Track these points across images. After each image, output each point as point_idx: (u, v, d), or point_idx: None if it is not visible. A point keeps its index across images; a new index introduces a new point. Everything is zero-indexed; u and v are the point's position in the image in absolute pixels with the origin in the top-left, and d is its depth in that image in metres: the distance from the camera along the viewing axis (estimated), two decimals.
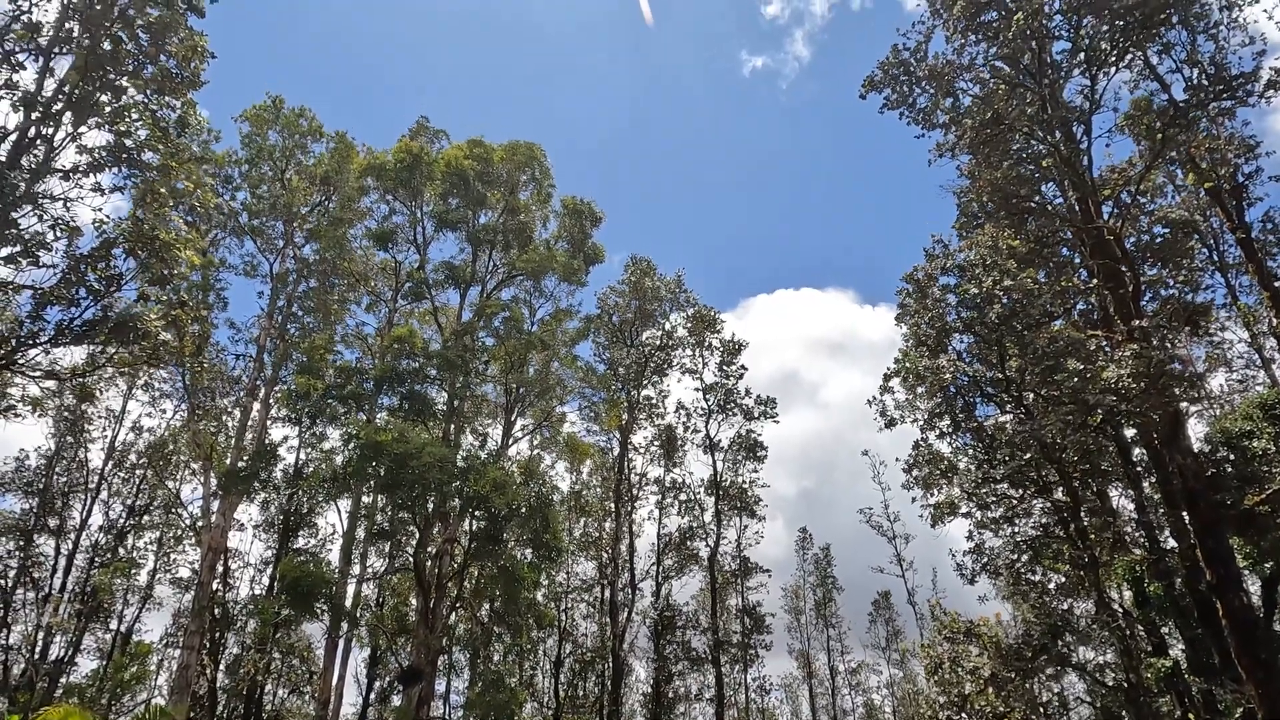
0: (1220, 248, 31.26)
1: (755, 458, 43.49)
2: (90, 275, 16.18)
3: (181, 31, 18.72)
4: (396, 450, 25.05)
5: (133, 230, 16.43)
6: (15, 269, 15.36)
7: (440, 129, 38.23)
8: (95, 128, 17.72)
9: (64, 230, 15.71)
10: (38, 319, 15.56)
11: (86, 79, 17.05)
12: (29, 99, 15.98)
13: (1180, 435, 20.45)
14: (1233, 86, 21.38)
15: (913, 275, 23.03)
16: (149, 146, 17.94)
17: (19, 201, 15.16)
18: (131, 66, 17.99)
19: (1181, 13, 22.55)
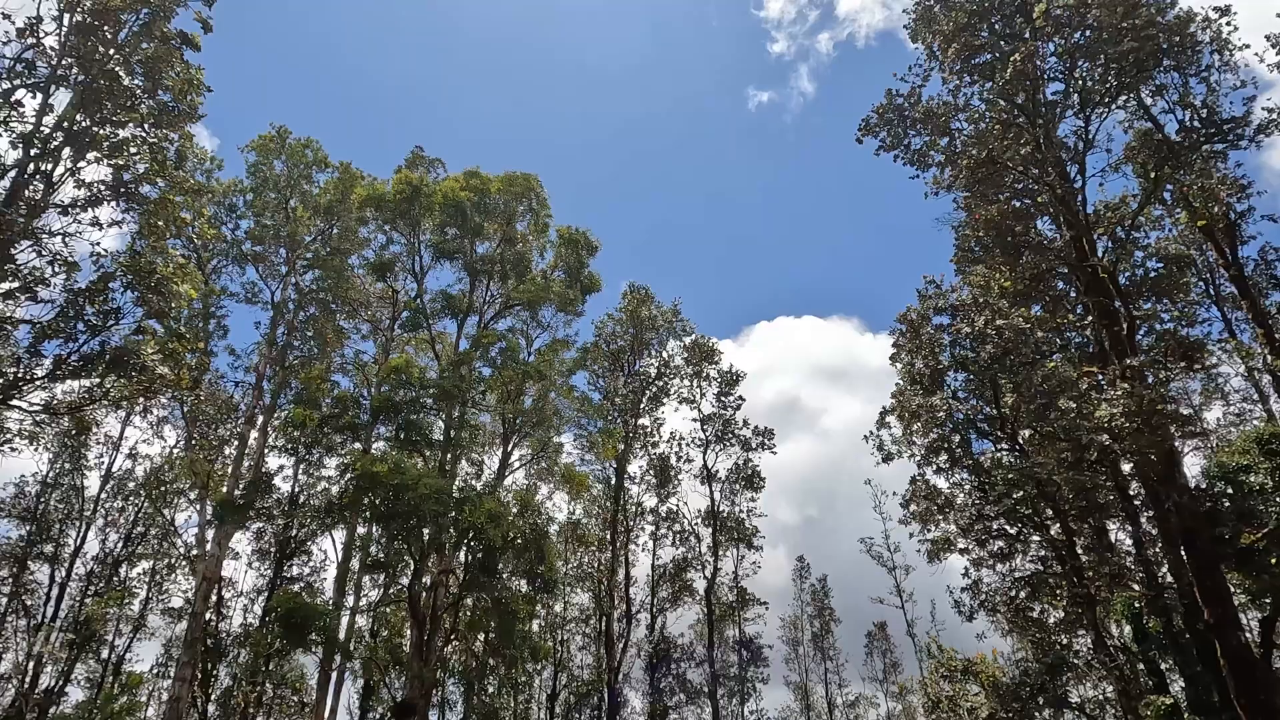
0: (1216, 281, 31.49)
1: (753, 488, 43.39)
2: (88, 309, 16.27)
3: (177, 66, 18.95)
4: (392, 481, 25.04)
5: (131, 264, 16.55)
6: (13, 304, 15.44)
7: (436, 158, 38.60)
8: (94, 162, 17.91)
9: (62, 266, 15.82)
10: (35, 353, 15.61)
11: (84, 114, 17.26)
12: (28, 136, 16.17)
13: (1176, 473, 20.45)
14: (1224, 130, 21.68)
15: (906, 315, 23.17)
16: (147, 180, 18.10)
17: (17, 237, 15.28)
18: (129, 101, 18.21)
19: (1174, 57, 22.92)
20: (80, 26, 17.41)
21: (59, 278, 15.94)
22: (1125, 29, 21.83)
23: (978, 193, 25.42)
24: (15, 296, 15.29)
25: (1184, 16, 22.94)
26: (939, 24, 25.83)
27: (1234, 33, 22.83)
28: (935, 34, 26.04)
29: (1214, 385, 33.58)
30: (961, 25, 25.17)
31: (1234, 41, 22.84)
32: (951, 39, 25.32)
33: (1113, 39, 22.21)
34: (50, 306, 16.02)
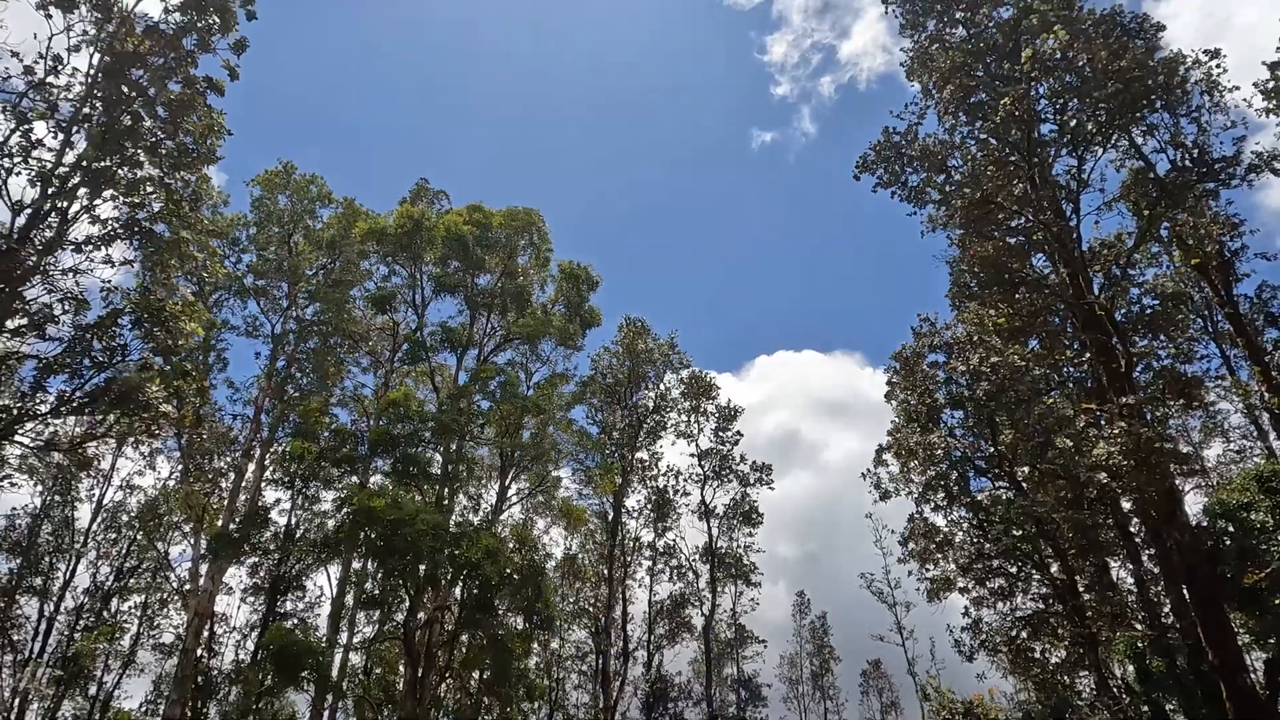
0: (1214, 317, 31.58)
1: (751, 524, 43.12)
2: (96, 344, 16.27)
3: (200, 109, 19.24)
4: (389, 516, 24.87)
5: (141, 301, 16.58)
6: (19, 340, 15.44)
7: (441, 190, 38.89)
8: (110, 199, 18.06)
9: (72, 304, 15.86)
10: (40, 389, 15.58)
11: (104, 153, 17.41)
12: (46, 174, 16.30)
13: (1177, 511, 20.35)
14: (1216, 169, 21.96)
15: (901, 353, 23.24)
16: (162, 219, 18.21)
17: (28, 274, 15.35)
18: (149, 141, 18.42)
19: (1164, 97, 23.30)
20: (108, 67, 17.67)
21: (68, 315, 15.97)
22: (1113, 70, 22.21)
23: (973, 230, 25.63)
24: (23, 333, 15.30)
25: (1173, 58, 23.39)
26: (935, 64, 26.27)
27: (1224, 74, 23.29)
28: (932, 73, 26.49)
29: (1214, 422, 33.54)
30: (957, 65, 25.60)
31: (1224, 83, 23.27)
32: (947, 79, 25.74)
33: (1101, 80, 22.59)
34: (57, 342, 16.03)
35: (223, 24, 19.71)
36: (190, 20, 19.28)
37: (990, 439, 21.52)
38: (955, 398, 23.16)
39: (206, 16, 19.45)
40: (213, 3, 19.40)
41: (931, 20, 27.87)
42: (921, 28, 28.11)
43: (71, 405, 15.68)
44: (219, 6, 19.51)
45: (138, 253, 17.83)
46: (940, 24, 27.75)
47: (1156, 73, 22.75)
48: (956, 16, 27.36)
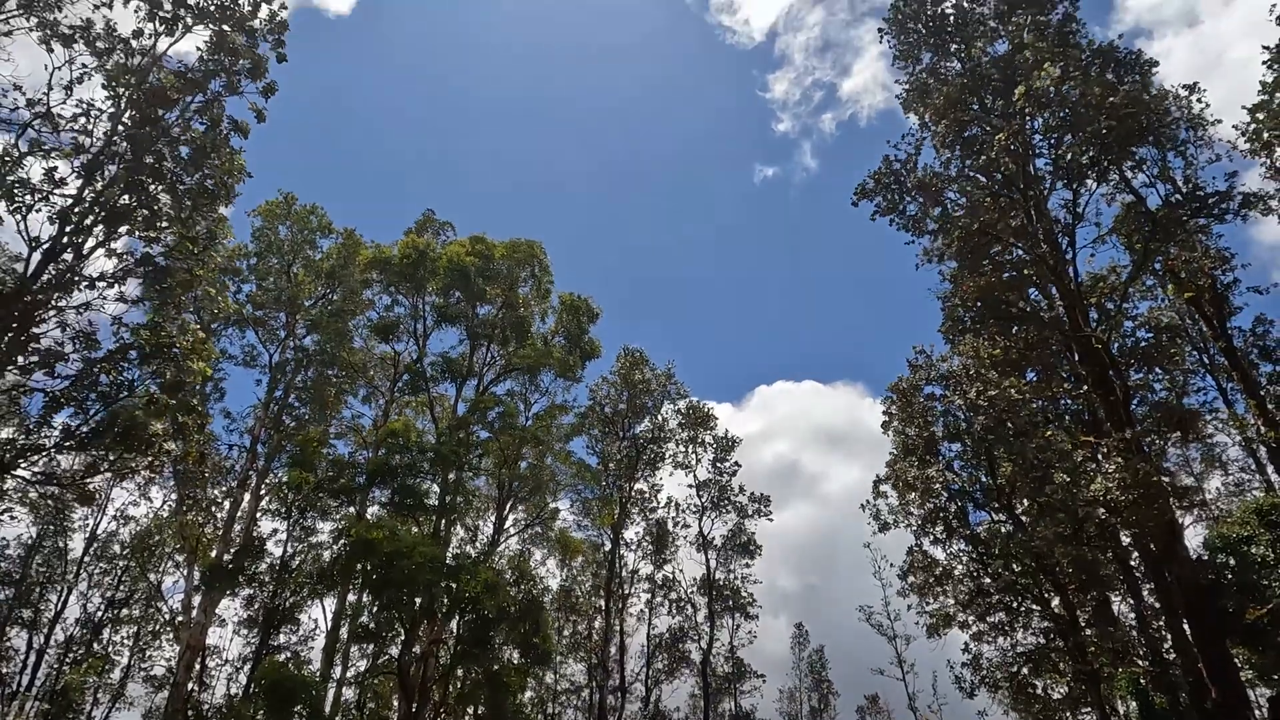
0: (1209, 350, 31.69)
1: (749, 555, 42.83)
2: (103, 379, 16.25)
3: (223, 150, 19.43)
4: (387, 549, 24.70)
5: (151, 338, 16.59)
6: (27, 376, 15.44)
7: (446, 221, 39.26)
8: (126, 235, 18.17)
9: (83, 342, 15.89)
10: (45, 423, 15.54)
11: (126, 192, 17.53)
12: (64, 212, 16.40)
13: (1177, 545, 20.29)
14: (1209, 204, 22.23)
15: (897, 385, 23.31)
16: (175, 255, 18.29)
17: (40, 309, 15.39)
18: (170, 180, 18.57)
19: (1153, 133, 23.65)
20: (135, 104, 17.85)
21: (78, 354, 15.98)
22: (1107, 106, 22.56)
23: (968, 263, 25.82)
24: (31, 369, 15.29)
25: (1160, 93, 23.80)
26: (931, 98, 26.67)
27: (1206, 109, 23.68)
28: (928, 108, 26.89)
29: (1213, 455, 33.53)
30: (953, 100, 26.01)
31: (1207, 117, 23.66)
32: (943, 113, 26.14)
33: (1095, 115, 22.94)
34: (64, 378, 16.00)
35: (253, 70, 19.99)
36: (219, 63, 19.55)
37: (988, 472, 21.51)
38: (953, 430, 23.19)
39: (237, 61, 19.74)
40: (243, 51, 19.69)
41: (927, 54, 28.39)
42: (917, 60, 28.61)
43: (76, 439, 15.62)
44: (249, 53, 19.81)
45: (150, 289, 17.87)
46: (935, 57, 28.26)
47: (1149, 109, 23.15)
48: (951, 50, 27.87)
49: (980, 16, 26.81)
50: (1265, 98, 22.50)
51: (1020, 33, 25.05)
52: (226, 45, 19.35)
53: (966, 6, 26.84)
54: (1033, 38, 25.09)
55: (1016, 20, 25.52)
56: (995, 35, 26.74)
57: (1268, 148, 22.80)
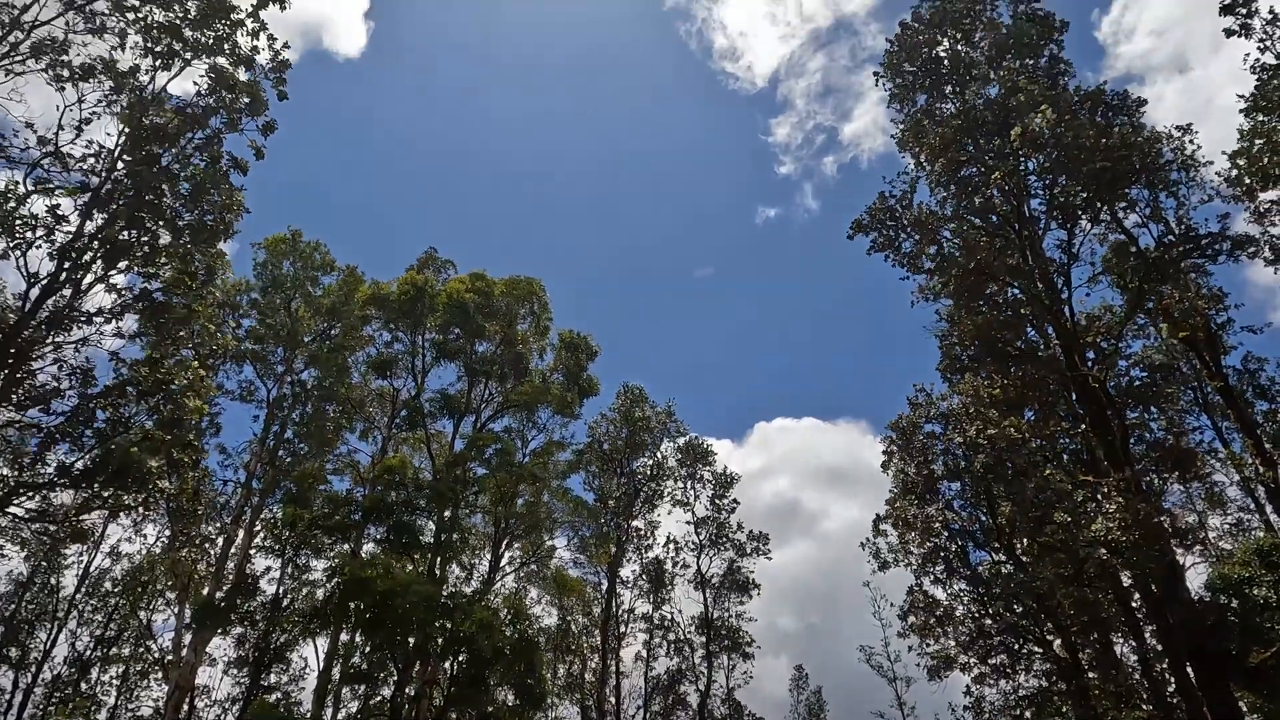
0: (1203, 389, 31.76)
1: (745, 593, 42.36)
2: (100, 415, 16.20)
3: (222, 186, 19.61)
4: (381, 587, 24.44)
5: (149, 374, 16.58)
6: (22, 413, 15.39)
7: (448, 259, 39.45)
8: (124, 271, 18.24)
9: (78, 378, 15.88)
10: (40, 460, 15.44)
11: (126, 228, 17.66)
12: (64, 248, 16.51)
13: (1178, 587, 20.14)
14: (1203, 245, 22.49)
15: (897, 423, 23.33)
16: (174, 291, 18.36)
17: (37, 344, 15.40)
18: (169, 216, 18.69)
19: (1146, 173, 24.01)
20: (135, 142, 18.08)
21: (73, 390, 15.96)
22: (1101, 147, 22.92)
23: (964, 301, 26.00)
24: (27, 406, 15.25)
25: (1152, 135, 24.22)
26: (927, 138, 27.08)
27: (1198, 150, 24.10)
28: (923, 148, 27.28)
29: (1213, 494, 33.40)
30: (948, 140, 26.41)
31: (1199, 158, 24.06)
32: (939, 153, 26.52)
33: (1090, 157, 23.29)
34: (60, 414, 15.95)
35: (252, 107, 20.27)
36: (220, 100, 19.83)
37: (988, 511, 21.43)
38: (952, 469, 23.15)
39: (237, 99, 20.03)
40: (243, 87, 20.00)
41: (921, 95, 28.88)
42: (912, 102, 29.10)
43: (71, 477, 15.52)
44: (250, 90, 20.12)
45: (148, 324, 17.91)
46: (930, 99, 28.76)
47: (1142, 150, 23.53)
48: (945, 92, 28.37)
49: (972, 61, 27.35)
50: (1245, 144, 22.93)
51: (1012, 76, 25.54)
52: (225, 81, 19.64)
53: (959, 51, 27.39)
54: (1025, 81, 25.59)
55: (1007, 64, 26.03)
56: (987, 79, 27.26)
57: (1250, 192, 23.17)
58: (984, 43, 27.06)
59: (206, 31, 19.35)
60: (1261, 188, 23.37)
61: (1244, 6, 22.33)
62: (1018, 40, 25.87)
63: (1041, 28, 25.78)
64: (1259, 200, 23.74)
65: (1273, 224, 24.02)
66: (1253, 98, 22.64)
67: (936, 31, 27.30)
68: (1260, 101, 22.70)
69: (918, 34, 27.62)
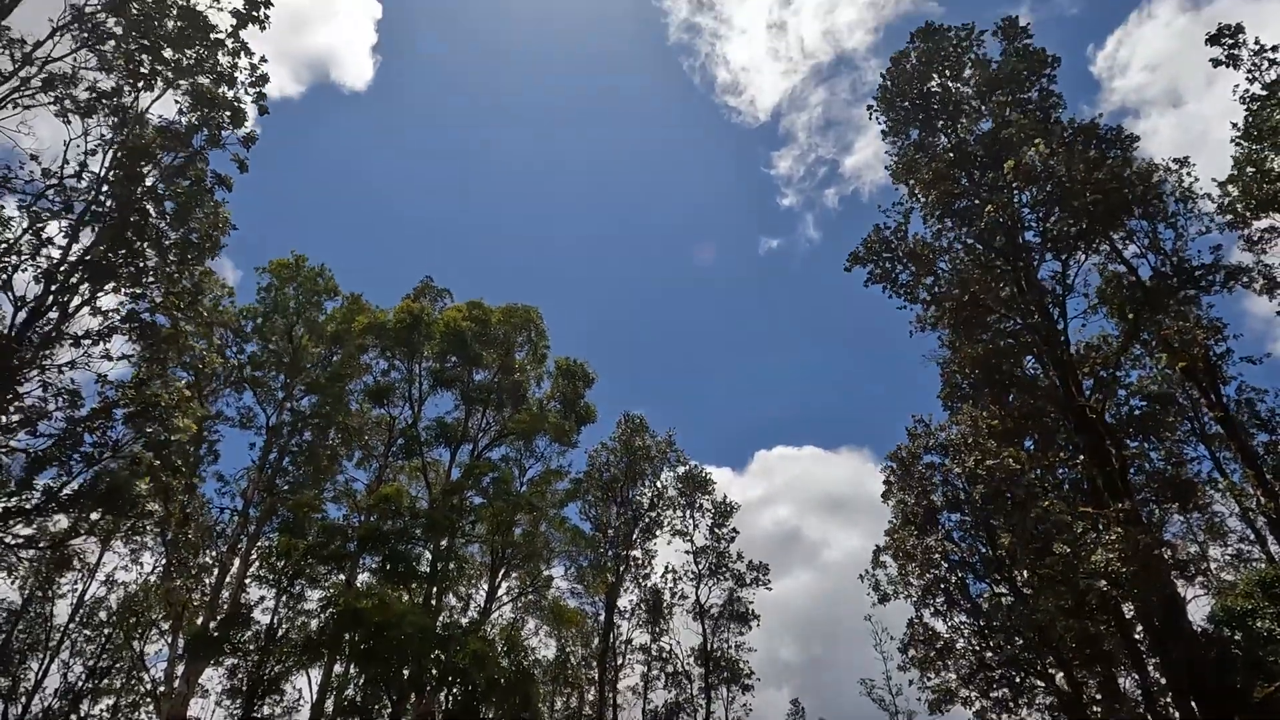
0: (1201, 419, 31.67)
1: (745, 624, 41.89)
2: (87, 438, 16.17)
3: (207, 204, 19.77)
4: (375, 618, 24.21)
5: (136, 396, 16.57)
6: (9, 436, 15.35)
7: (444, 288, 39.59)
8: (111, 292, 18.30)
9: (66, 400, 15.87)
10: (27, 485, 15.36)
11: (112, 249, 17.77)
12: (51, 271, 16.60)
13: (1180, 620, 19.94)
14: (1195, 277, 22.61)
15: (896, 454, 23.27)
16: (162, 311, 18.42)
17: (24, 368, 15.41)
18: (155, 235, 18.80)
19: (1142, 205, 24.21)
20: (118, 162, 18.26)
21: (61, 411, 15.94)
22: (1092, 181, 23.14)
23: (962, 332, 26.06)
24: (13, 429, 15.22)
25: (1147, 167, 24.46)
26: (920, 171, 27.34)
27: (1195, 183, 24.34)
28: (917, 180, 27.53)
29: (1213, 525, 33.18)
30: (941, 174, 26.65)
31: (1196, 191, 24.30)
32: (932, 186, 26.76)
33: (1081, 190, 23.50)
34: (47, 437, 15.91)
35: (233, 119, 20.46)
36: (202, 116, 20.03)
37: (988, 543, 21.30)
38: (952, 500, 23.04)
39: (218, 113, 20.21)
40: (223, 101, 20.23)
41: (914, 129, 29.22)
42: (905, 135, 29.44)
43: (59, 501, 15.44)
44: (229, 104, 20.34)
45: (136, 346, 17.92)
46: (923, 133, 29.08)
47: (1134, 183, 23.74)
48: (938, 126, 28.70)
49: (963, 96, 27.71)
50: (1235, 172, 23.20)
51: (1002, 110, 25.86)
52: (205, 98, 19.84)
53: (950, 86, 27.75)
54: (1016, 116, 25.91)
55: (998, 99, 26.36)
56: (979, 114, 27.60)
57: (1242, 220, 23.37)
58: (974, 79, 27.45)
59: (187, 52, 19.57)
60: (1254, 215, 23.59)
61: (1230, 37, 22.70)
62: (1008, 75, 26.23)
63: (1031, 63, 26.16)
64: (1251, 228, 23.95)
65: (1264, 252, 24.21)
66: (1244, 127, 22.93)
67: (927, 68, 27.70)
68: (1251, 130, 23.00)
69: (909, 70, 28.02)
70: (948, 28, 28.21)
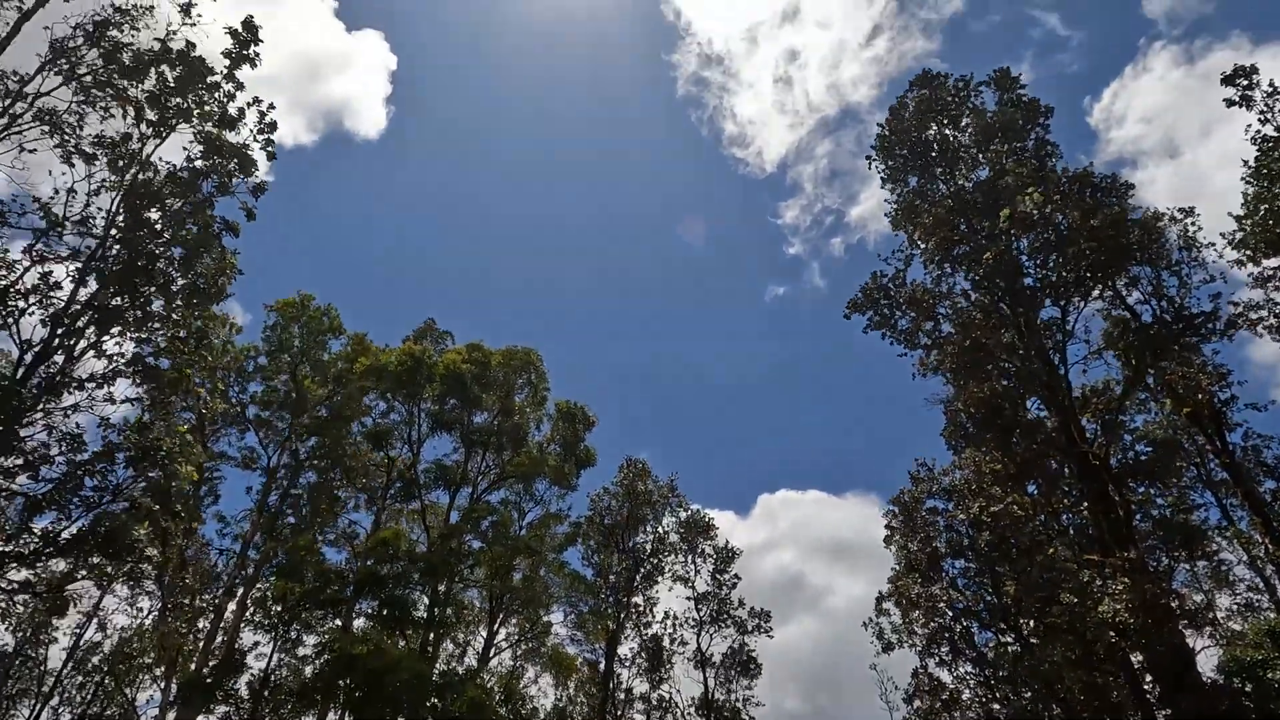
0: (1207, 465, 31.41)
1: (749, 675, 41.03)
2: (87, 482, 16.10)
3: (215, 250, 19.95)
4: (371, 665, 23.83)
5: (138, 440, 16.53)
6: (10, 480, 15.29)
7: (446, 330, 39.78)
8: (117, 336, 18.38)
9: (69, 444, 15.84)
10: (25, 530, 15.25)
11: (118, 293, 17.91)
12: (57, 314, 16.70)
13: (1189, 672, 19.54)
14: (1196, 325, 22.66)
15: (899, 498, 23.09)
16: (166, 355, 18.46)
17: (28, 411, 15.42)
18: (162, 281, 18.95)
19: (1145, 251, 24.40)
20: (128, 207, 18.50)
21: (63, 456, 15.90)
22: (1088, 229, 23.34)
23: (965, 374, 26.05)
24: (15, 473, 15.17)
25: (1151, 215, 24.69)
26: (920, 218, 27.62)
27: (1199, 231, 24.56)
28: (917, 227, 27.80)
29: (1219, 573, 32.72)
30: (941, 220, 26.92)
31: (1200, 239, 24.50)
32: (932, 232, 27.01)
33: (1077, 237, 23.70)
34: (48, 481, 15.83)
35: (242, 168, 20.77)
36: (211, 164, 20.34)
37: (993, 590, 21.01)
38: (956, 546, 22.78)
39: (226, 162, 20.53)
40: (232, 150, 20.57)
41: (913, 176, 29.61)
42: (904, 182, 29.82)
43: (57, 546, 15.31)
44: (238, 151, 20.67)
45: (140, 389, 17.93)
46: (922, 180, 29.46)
47: (1132, 230, 23.96)
48: (936, 173, 29.08)
49: (961, 144, 28.14)
50: (1249, 208, 23.44)
51: (999, 159, 26.23)
52: (215, 146, 20.18)
53: (948, 134, 28.20)
54: (1013, 164, 26.27)
55: (995, 148, 26.76)
56: (976, 162, 27.99)
57: (1254, 258, 23.46)
58: (971, 128, 27.90)
59: (188, 97, 19.95)
60: (1266, 254, 23.68)
61: (1245, 78, 23.10)
62: (1004, 124, 26.67)
63: (1027, 113, 26.60)
64: (1263, 266, 24.04)
65: (1277, 288, 24.18)
66: (1255, 165, 23.21)
67: (926, 116, 28.17)
68: (1262, 169, 23.25)
69: (908, 118, 28.51)
70: (945, 76, 28.80)
